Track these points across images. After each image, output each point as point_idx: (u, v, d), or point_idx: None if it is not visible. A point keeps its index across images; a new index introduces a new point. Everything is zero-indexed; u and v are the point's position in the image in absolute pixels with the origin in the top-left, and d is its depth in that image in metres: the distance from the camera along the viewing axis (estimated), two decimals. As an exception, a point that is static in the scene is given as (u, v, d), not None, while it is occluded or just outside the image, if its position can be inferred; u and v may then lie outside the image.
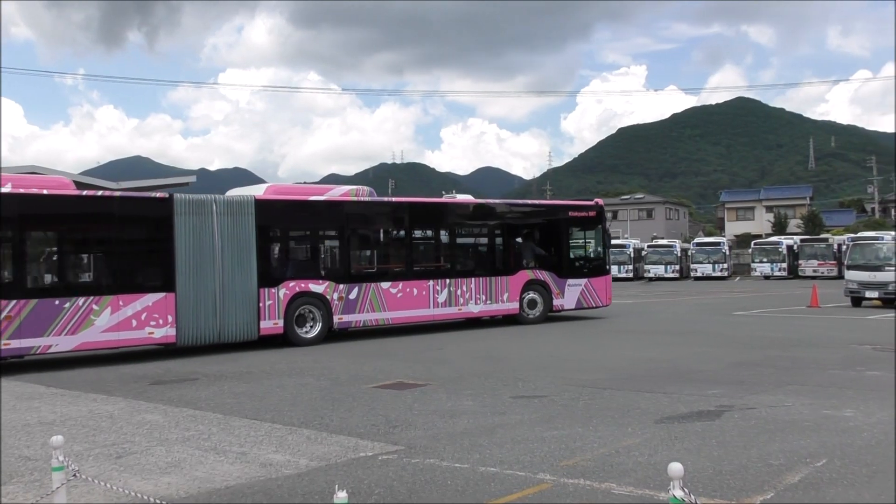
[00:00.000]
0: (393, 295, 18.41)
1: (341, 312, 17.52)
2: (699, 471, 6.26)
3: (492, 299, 20.17)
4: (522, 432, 7.80)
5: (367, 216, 19.14)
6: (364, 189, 19.11)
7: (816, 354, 13.70)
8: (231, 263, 15.82)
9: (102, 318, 14.27)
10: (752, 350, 14.42)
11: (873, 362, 12.64)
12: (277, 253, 18.04)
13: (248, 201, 16.40)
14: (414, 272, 19.11)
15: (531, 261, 21.33)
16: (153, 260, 15.63)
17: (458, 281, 19.60)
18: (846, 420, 8.12)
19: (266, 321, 16.31)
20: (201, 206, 15.66)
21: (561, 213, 22.24)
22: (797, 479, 5.99)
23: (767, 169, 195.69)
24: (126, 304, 14.57)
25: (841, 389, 10.03)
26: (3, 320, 13.30)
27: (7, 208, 13.57)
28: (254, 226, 16.24)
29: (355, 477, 6.34)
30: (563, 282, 21.48)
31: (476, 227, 21.59)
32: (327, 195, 18.29)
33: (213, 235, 15.61)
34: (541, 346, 15.85)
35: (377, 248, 20.10)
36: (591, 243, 23.37)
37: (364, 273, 18.82)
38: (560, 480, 6.11)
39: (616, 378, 11.30)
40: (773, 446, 7.03)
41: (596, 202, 23.57)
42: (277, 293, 16.58)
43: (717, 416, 8.45)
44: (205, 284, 15.43)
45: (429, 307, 19.04)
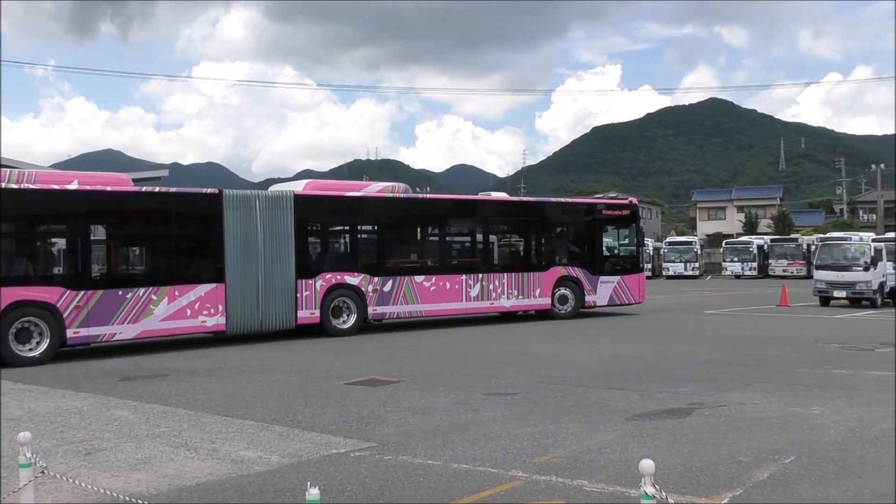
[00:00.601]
0: (426, 288, 19.01)
1: (376, 304, 18.17)
2: (670, 468, 6.31)
3: (524, 294, 20.65)
4: (495, 429, 7.82)
5: (402, 212, 19.70)
6: (399, 186, 19.80)
7: (785, 353, 13.87)
8: (271, 256, 16.61)
9: (160, 307, 15.09)
10: (723, 348, 14.57)
11: (840, 361, 12.82)
12: (314, 246, 18.69)
13: (287, 197, 17.19)
14: (447, 267, 19.81)
15: (564, 257, 21.85)
16: (205, 252, 16.44)
17: (490, 276, 20.12)
18: (813, 417, 8.23)
19: (303, 311, 17.05)
20: (247, 201, 16.54)
21: (595, 212, 22.67)
22: (766, 476, 6.06)
23: (739, 169, 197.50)
24: (181, 294, 15.40)
25: (809, 387, 10.16)
26: (72, 310, 14.03)
27: (75, 204, 14.52)
28: (292, 220, 17.01)
29: (327, 474, 6.32)
30: (596, 279, 21.88)
31: (509, 223, 22.15)
32: (363, 191, 19.02)
33: (255, 229, 16.44)
34: (515, 343, 15.89)
35: (411, 242, 20.70)
36: (624, 241, 23.69)
37: (398, 266, 19.24)
38: (532, 477, 6.14)
39: (589, 375, 11.36)
40: (743, 443, 7.11)
41: (630, 201, 24.02)
42: (314, 284, 17.31)
43: (688, 413, 8.52)
44: (250, 276, 16.28)
45: (461, 301, 19.59)
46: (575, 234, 22.62)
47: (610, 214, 22.90)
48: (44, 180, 14.40)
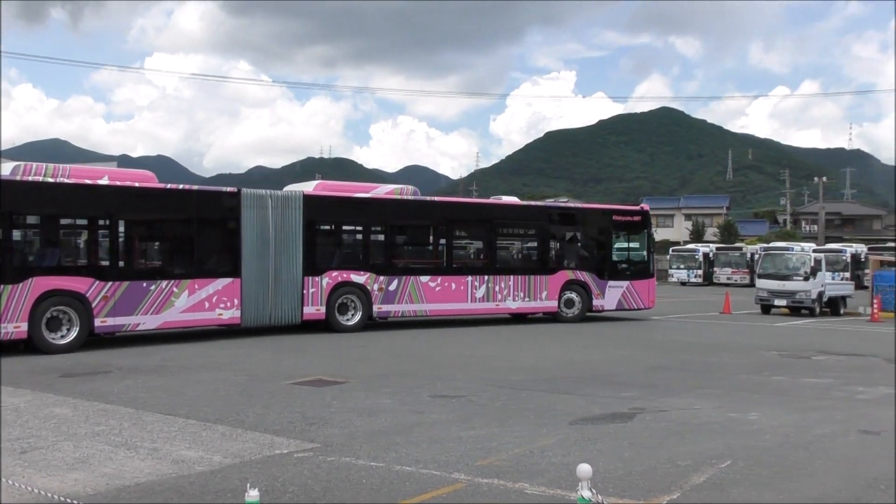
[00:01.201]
0: (431, 288, 19.48)
1: (381, 303, 18.70)
2: (610, 471, 6.41)
3: (530, 297, 21.02)
4: (439, 432, 7.85)
5: (409, 213, 20.16)
6: (409, 188, 20.36)
7: (726, 359, 14.16)
8: (281, 253, 17.32)
9: (181, 299, 15.81)
10: (667, 354, 14.81)
11: (778, 368, 13.13)
12: (322, 245, 18.99)
13: (297, 196, 17.88)
14: (453, 268, 20.17)
15: (572, 261, 22.05)
16: (223, 248, 17.04)
17: (496, 278, 20.50)
18: (751, 423, 8.42)
19: (309, 307, 17.70)
20: (262, 199, 17.27)
21: (605, 217, 23.17)
22: (702, 480, 6.19)
23: (688, 178, 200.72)
24: (201, 288, 16.13)
25: (748, 393, 10.39)
26: (101, 300, 14.65)
27: (105, 199, 15.19)
28: (301, 219, 17.68)
29: (270, 475, 6.28)
30: (604, 283, 22.15)
31: (517, 227, 22.36)
32: (372, 193, 19.56)
33: (268, 227, 17.15)
34: (464, 345, 15.94)
35: (418, 243, 21.24)
36: (635, 247, 23.85)
37: (404, 266, 19.65)
38: (474, 480, 6.18)
39: (535, 379, 11.46)
40: (682, 448, 7.24)
41: (641, 208, 24.33)
42: (321, 282, 17.94)
43: (630, 418, 8.66)
44: (263, 272, 16.99)
45: (466, 301, 20.01)
46: (584, 238, 22.90)
47: (620, 220, 23.22)
48: (77, 175, 15.09)
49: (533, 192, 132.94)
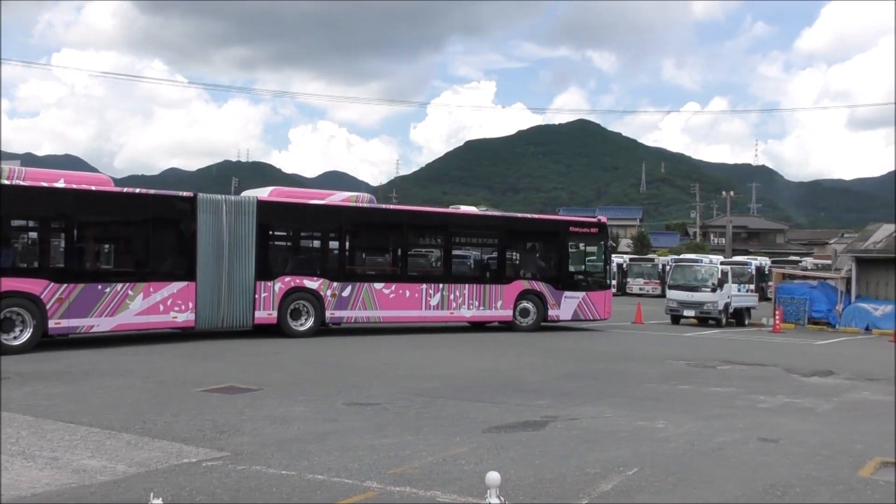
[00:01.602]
0: (385, 295, 19.55)
1: (334, 308, 18.82)
2: (521, 479, 6.48)
3: (485, 305, 21.16)
4: (353, 440, 7.81)
5: (364, 221, 20.41)
6: (364, 196, 20.65)
7: (636, 368, 14.50)
8: (234, 258, 17.46)
9: (136, 302, 15.95)
10: (580, 363, 15.09)
11: (685, 377, 13.52)
12: (275, 250, 19.30)
13: (250, 202, 18.09)
14: (407, 275, 20.30)
15: (528, 272, 22.21)
16: (179, 251, 17.21)
17: (451, 286, 20.64)
18: (658, 431, 8.65)
19: (260, 312, 17.84)
20: (217, 204, 17.42)
21: (561, 228, 23.36)
22: (610, 487, 6.33)
23: (603, 189, 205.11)
24: (156, 291, 16.26)
25: (655, 402, 10.67)
26: (55, 301, 14.71)
27: (61, 202, 15.39)
28: (254, 225, 17.81)
29: (176, 484, 6.13)
30: (560, 294, 22.26)
31: (473, 237, 22.62)
32: (327, 200, 19.74)
33: (222, 232, 17.26)
34: (382, 352, 15.89)
35: (372, 250, 21.60)
36: (591, 258, 24.05)
37: (358, 273, 19.90)
38: (386, 488, 6.17)
39: (450, 387, 11.51)
40: (591, 456, 7.38)
41: (599, 219, 24.40)
42: (273, 287, 18.06)
43: (542, 426, 8.78)
44: (217, 275, 17.14)
45: (421, 309, 20.14)
46: (541, 249, 23.16)
47: (577, 231, 23.40)
48: (33, 178, 15.13)
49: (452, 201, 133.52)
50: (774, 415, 9.99)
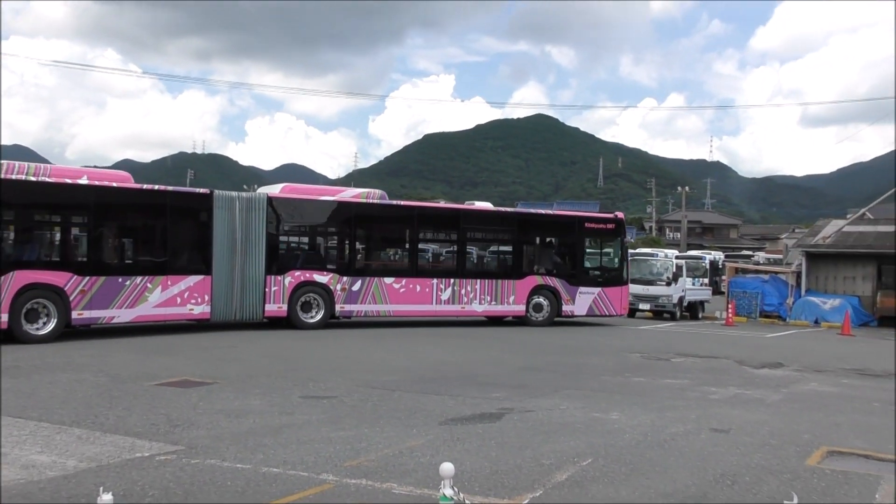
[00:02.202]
0: (395, 290, 20.06)
1: (343, 302, 19.41)
2: (477, 470, 6.52)
3: (497, 300, 21.49)
4: (309, 433, 7.78)
5: (374, 217, 20.95)
6: (376, 192, 20.81)
7: (592, 361, 14.66)
8: (246, 252, 18.14)
9: (154, 294, 16.63)
10: (537, 356, 15.20)
11: (640, 369, 13.70)
12: (285, 245, 19.96)
13: (261, 198, 18.72)
14: (418, 270, 20.77)
15: (541, 267, 22.44)
16: (196, 246, 17.92)
17: (462, 281, 21.05)
18: (612, 422, 8.76)
19: (271, 305, 18.48)
20: (231, 201, 18.10)
21: (576, 224, 23.29)
22: (564, 478, 6.40)
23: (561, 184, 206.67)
24: (173, 284, 16.98)
25: (610, 394, 10.80)
26: (78, 293, 15.36)
27: (84, 198, 15.98)
28: (265, 220, 18.46)
29: (128, 479, 6.06)
30: (575, 289, 22.41)
31: (486, 232, 22.91)
32: (338, 196, 20.28)
33: (235, 227, 17.97)
34: (340, 346, 15.85)
35: (382, 246, 22.13)
36: (608, 254, 24.13)
37: (368, 268, 20.44)
38: (342, 481, 6.16)
39: (407, 380, 11.52)
40: (547, 447, 7.45)
41: (616, 215, 24.42)
42: (283, 281, 18.70)
43: (498, 418, 8.84)
44: (230, 270, 17.84)
45: (431, 304, 20.62)
46: (556, 245, 23.41)
47: (592, 227, 23.56)
48: (58, 174, 15.79)
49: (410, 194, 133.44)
50: (725, 406, 10.17)
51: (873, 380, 13.46)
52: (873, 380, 13.46)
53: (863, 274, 30.64)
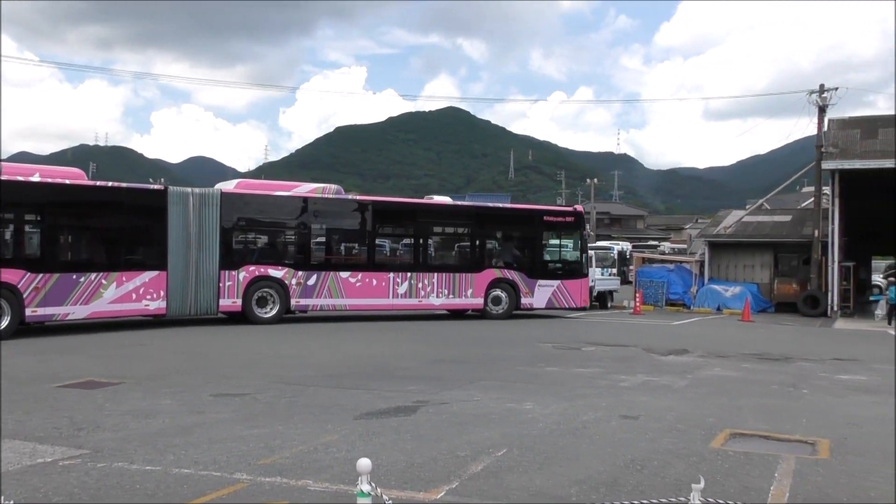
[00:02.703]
0: (352, 284, 20.33)
1: (299, 296, 19.70)
2: (393, 464, 6.52)
3: (455, 294, 21.79)
4: (220, 432, 7.63)
5: (329, 212, 20.90)
6: (331, 187, 21.11)
7: (507, 352, 14.83)
8: (200, 248, 18.35)
9: (109, 291, 16.86)
10: (452, 347, 15.29)
11: (552, 359, 13.94)
12: (240, 241, 20.01)
13: (215, 194, 18.85)
14: (374, 265, 21.03)
15: (499, 260, 22.77)
16: (150, 242, 18.06)
17: (419, 275, 21.27)
18: (526, 412, 8.88)
19: (225, 300, 18.75)
20: (185, 197, 18.29)
21: (535, 218, 23.68)
22: (480, 468, 6.46)
23: (473, 176, 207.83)
24: (128, 280, 17.22)
25: (524, 384, 10.95)
26: (32, 291, 15.48)
27: (38, 195, 16.11)
28: (218, 216, 18.66)
29: (30, 485, 5.82)
30: (534, 282, 22.75)
31: (444, 226, 23.15)
32: (293, 192, 20.50)
33: (189, 223, 18.17)
34: (256, 342, 15.59)
35: (338, 240, 21.85)
36: (567, 247, 24.16)
37: (324, 262, 20.63)
38: (256, 479, 6.07)
39: (322, 375, 11.43)
40: (462, 438, 7.51)
41: (575, 209, 24.66)
42: (237, 276, 18.94)
43: (414, 411, 8.85)
44: (185, 265, 18.06)
45: (388, 297, 20.90)
46: (514, 238, 23.59)
47: (552, 221, 23.71)
48: (10, 172, 15.84)
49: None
50: (635, 393, 10.44)
51: (771, 363, 14.04)
52: (771, 363, 14.04)
53: (761, 262, 31.93)
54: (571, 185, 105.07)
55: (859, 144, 30.37)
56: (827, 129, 31.61)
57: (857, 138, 31.16)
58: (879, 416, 8.99)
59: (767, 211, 38.11)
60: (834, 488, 6.03)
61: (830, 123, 32.43)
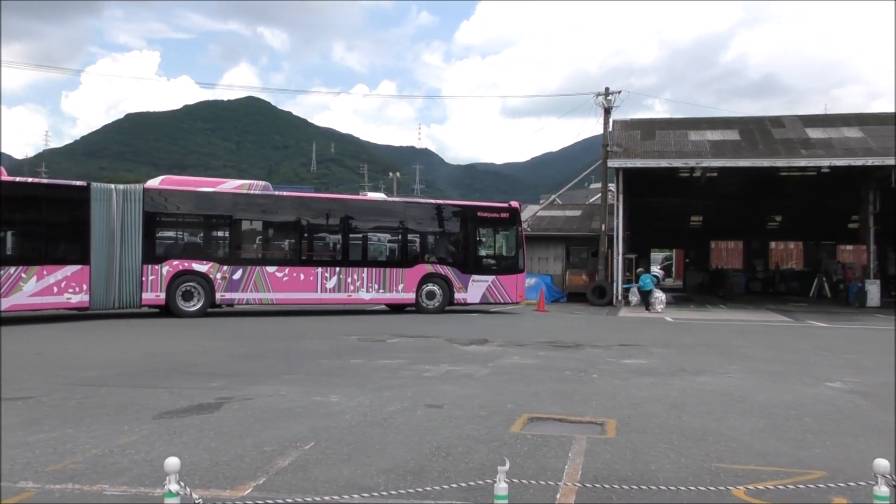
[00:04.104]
0: (279, 278, 20.94)
1: (224, 290, 20.32)
2: (196, 463, 6.31)
3: (385, 288, 22.31)
4: (2, 438, 7.05)
5: (255, 208, 21.40)
6: (258, 183, 21.70)
7: (310, 346, 14.74)
8: (124, 242, 18.94)
9: (29, 284, 17.48)
10: (255, 343, 14.98)
11: (357, 351, 14.02)
12: (163, 235, 20.36)
13: (137, 190, 19.51)
14: (301, 259, 21.53)
15: (432, 256, 23.27)
16: (72, 237, 18.53)
17: (348, 270, 21.79)
18: (333, 405, 8.88)
19: (148, 293, 19.41)
20: (108, 192, 18.88)
21: (468, 214, 24.11)
22: (287, 463, 6.39)
23: (274, 168, 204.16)
24: (49, 274, 17.81)
25: (329, 377, 10.94)
26: None
27: None
28: (141, 211, 19.25)
29: None
30: (467, 277, 23.39)
31: (372, 222, 23.30)
32: (219, 188, 20.95)
33: (113, 218, 18.75)
34: (39, 341, 14.47)
35: (264, 235, 22.32)
36: (502, 243, 24.63)
37: (250, 257, 21.26)
38: (45, 487, 5.67)
39: (116, 374, 10.83)
40: (268, 434, 7.39)
41: (510, 205, 24.58)
42: (160, 270, 19.57)
43: (217, 408, 8.60)
44: (109, 259, 18.65)
45: (316, 291, 21.44)
46: (447, 234, 23.92)
47: (486, 217, 24.26)
48: None
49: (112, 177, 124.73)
50: (439, 382, 10.71)
51: (564, 350, 14.86)
52: (564, 350, 14.86)
53: (554, 255, 33.72)
54: (374, 178, 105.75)
55: (640, 145, 32.77)
56: (612, 130, 33.86)
57: (637, 139, 33.61)
58: (657, 397, 9.77)
59: (560, 206, 40.27)
60: (621, 464, 6.50)
61: (615, 124, 34.77)
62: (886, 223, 34.73)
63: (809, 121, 37.03)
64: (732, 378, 11.54)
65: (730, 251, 55.73)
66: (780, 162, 31.24)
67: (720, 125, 36.81)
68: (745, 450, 7.07)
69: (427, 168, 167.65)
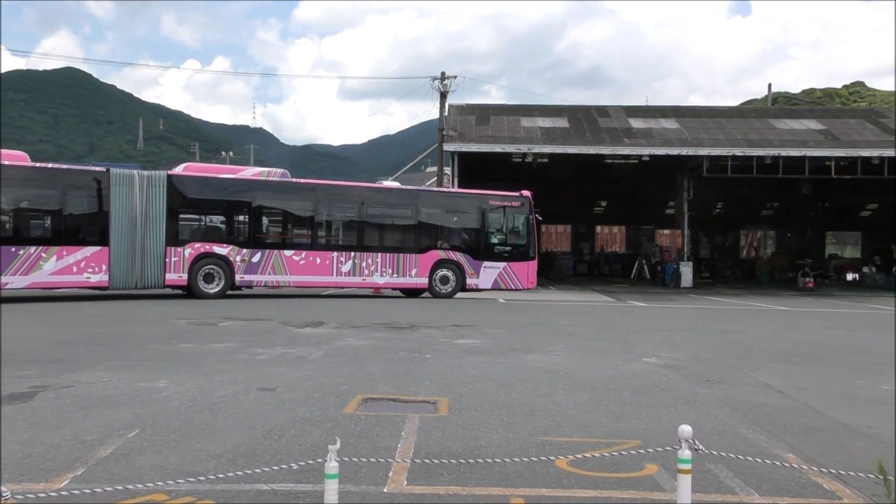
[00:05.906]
0: (296, 262, 22.05)
1: (243, 273, 21.52)
2: (7, 456, 5.92)
3: (399, 273, 23.29)
4: None
5: (273, 194, 22.57)
6: (277, 171, 22.83)
7: (137, 330, 14.12)
8: (147, 226, 20.11)
9: (49, 263, 18.91)
10: (73, 328, 14.21)
11: (187, 335, 13.57)
12: (185, 219, 21.53)
13: (161, 176, 20.81)
14: (318, 244, 22.67)
15: (444, 242, 24.14)
16: (93, 220, 19.83)
17: (363, 254, 22.82)
18: (160, 391, 8.56)
19: (171, 274, 20.63)
20: (130, 178, 20.14)
21: (481, 202, 24.71)
22: (109, 452, 6.11)
23: (97, 144, 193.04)
24: (69, 254, 19.13)
25: (157, 362, 10.53)
26: None
27: None
28: (165, 197, 20.44)
29: None
30: (479, 264, 24.22)
31: (387, 208, 24.04)
32: (239, 174, 22.38)
33: (135, 203, 19.95)
34: None
35: (282, 220, 23.37)
36: (514, 231, 25.15)
37: (268, 241, 22.30)
38: None
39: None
40: (88, 423, 7.04)
41: (522, 194, 25.17)
42: (183, 252, 20.72)
43: (31, 397, 8.09)
44: (130, 241, 19.81)
45: (332, 275, 22.61)
46: (460, 221, 24.72)
47: (498, 205, 24.82)
48: None
49: None
50: (272, 365, 10.56)
51: (399, 332, 15.02)
52: (399, 332, 15.02)
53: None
54: (206, 158, 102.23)
55: (475, 129, 33.48)
56: (448, 114, 34.38)
57: (473, 123, 34.32)
58: (488, 375, 10.08)
59: (396, 189, 40.41)
60: (452, 440, 6.67)
61: (451, 109, 35.32)
62: (699, 209, 37.34)
63: (632, 111, 39.17)
64: (559, 356, 12.08)
65: (559, 235, 58.05)
66: (606, 149, 32.87)
67: (551, 113, 38.25)
68: (568, 423, 7.43)
69: (262, 148, 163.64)
